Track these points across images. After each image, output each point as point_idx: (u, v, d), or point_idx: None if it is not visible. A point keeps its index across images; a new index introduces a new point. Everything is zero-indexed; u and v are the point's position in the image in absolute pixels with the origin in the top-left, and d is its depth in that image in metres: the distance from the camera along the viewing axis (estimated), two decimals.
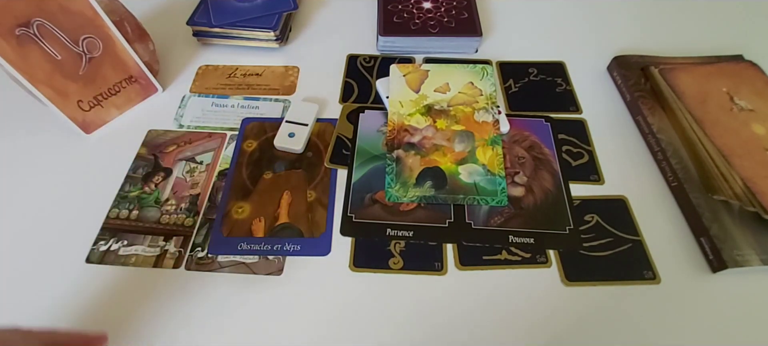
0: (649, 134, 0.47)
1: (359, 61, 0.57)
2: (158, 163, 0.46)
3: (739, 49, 0.54)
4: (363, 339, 0.35)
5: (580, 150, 0.47)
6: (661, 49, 0.55)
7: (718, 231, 0.39)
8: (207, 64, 0.56)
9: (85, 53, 0.45)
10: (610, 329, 0.36)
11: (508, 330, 0.36)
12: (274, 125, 0.49)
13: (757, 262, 0.37)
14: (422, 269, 0.39)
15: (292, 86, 0.54)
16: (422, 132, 0.46)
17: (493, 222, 0.41)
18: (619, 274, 0.38)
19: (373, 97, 0.52)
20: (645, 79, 0.51)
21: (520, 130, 0.48)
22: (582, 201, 0.43)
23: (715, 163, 0.42)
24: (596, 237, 0.41)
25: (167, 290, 0.38)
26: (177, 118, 0.50)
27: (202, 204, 0.43)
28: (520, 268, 0.39)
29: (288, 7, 0.57)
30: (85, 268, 0.39)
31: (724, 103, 0.47)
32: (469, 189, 0.42)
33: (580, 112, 0.51)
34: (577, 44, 0.58)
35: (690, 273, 0.39)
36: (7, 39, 0.40)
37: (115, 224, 0.42)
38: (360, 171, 0.45)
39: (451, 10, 0.59)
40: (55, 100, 0.44)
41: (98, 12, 0.44)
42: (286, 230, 0.41)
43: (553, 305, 0.37)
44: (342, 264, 0.39)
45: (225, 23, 0.55)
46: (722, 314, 0.37)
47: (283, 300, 0.37)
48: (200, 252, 0.40)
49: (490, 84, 0.49)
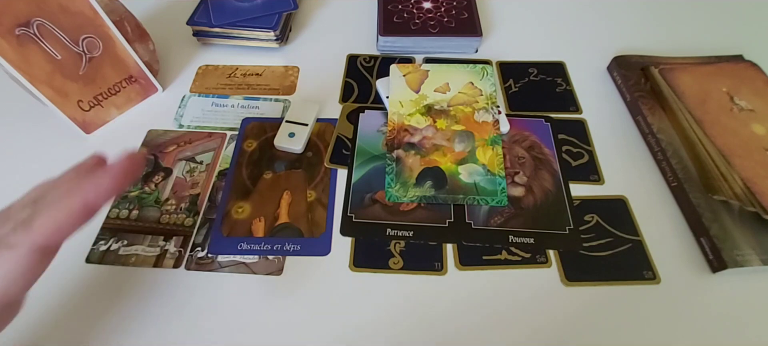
0: (649, 134, 0.47)
1: (359, 61, 0.57)
2: (158, 163, 0.46)
3: (739, 49, 0.54)
4: (363, 339, 0.35)
5: (580, 150, 0.47)
6: (661, 49, 0.55)
7: (718, 231, 0.39)
8: (207, 64, 0.56)
9: (85, 53, 0.45)
10: (610, 329, 0.36)
11: (508, 330, 0.36)
12: (274, 125, 0.49)
13: (757, 262, 0.37)
14: (422, 269, 0.39)
15: (292, 86, 0.54)
16: (422, 132, 0.46)
17: (493, 222, 0.41)
18: (619, 274, 0.38)
19: (373, 97, 0.52)
20: (645, 79, 0.51)
21: (520, 130, 0.48)
22: (582, 201, 0.43)
23: (715, 163, 0.42)
24: (596, 237, 0.41)
25: (167, 289, 0.38)
26: (177, 118, 0.50)
27: (202, 204, 0.43)
28: (520, 268, 0.39)
29: (288, 7, 0.57)
30: (85, 268, 0.39)
31: (724, 103, 0.47)
32: (469, 189, 0.42)
33: (580, 112, 0.51)
34: (577, 44, 0.58)
35: (690, 273, 0.39)
36: (7, 39, 0.40)
37: (115, 223, 0.42)
38: (360, 171, 0.45)
39: (451, 10, 0.59)
40: (55, 100, 0.44)
41: (98, 12, 0.44)
42: (286, 229, 0.41)
43: (553, 305, 0.37)
44: (342, 264, 0.39)
45: (225, 23, 0.55)
46: (722, 314, 0.37)
47: (283, 300, 0.37)
48: (200, 252, 0.40)
49: (490, 84, 0.49)
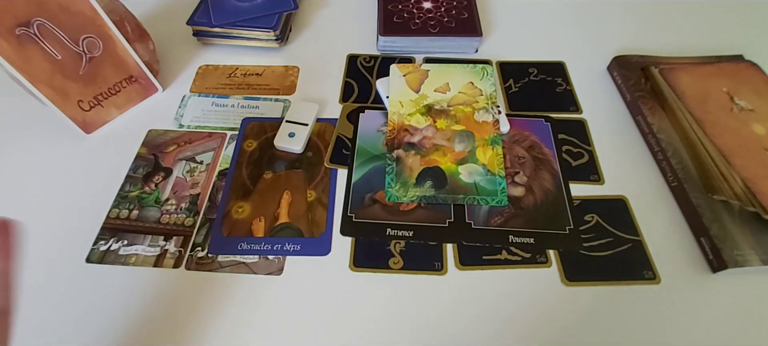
0: (649, 134, 0.47)
1: (359, 61, 0.57)
2: (158, 163, 0.46)
3: (739, 49, 0.54)
4: (363, 339, 0.35)
5: (580, 150, 0.47)
6: (661, 49, 0.55)
7: (718, 231, 0.38)
8: (207, 64, 0.56)
9: (86, 53, 0.45)
10: (610, 329, 0.36)
11: (508, 330, 0.36)
12: (274, 125, 0.49)
13: (757, 262, 0.37)
14: (422, 268, 0.39)
15: (292, 86, 0.54)
16: (422, 132, 0.46)
17: (493, 222, 0.41)
18: (619, 274, 0.38)
19: (373, 97, 0.52)
20: (645, 79, 0.51)
21: (520, 130, 0.48)
22: (582, 201, 0.43)
23: (715, 163, 0.42)
24: (596, 237, 0.41)
25: (167, 289, 0.38)
26: (177, 117, 0.50)
27: (202, 204, 0.43)
28: (520, 268, 0.39)
29: (288, 7, 0.57)
30: (85, 268, 0.39)
31: (724, 103, 0.47)
32: (469, 189, 0.42)
33: (580, 112, 0.51)
34: (577, 44, 0.58)
35: (690, 273, 0.39)
36: (7, 39, 0.40)
37: (116, 223, 0.42)
38: (360, 171, 0.45)
39: (451, 10, 0.59)
40: (55, 100, 0.44)
41: (98, 11, 0.44)
42: (286, 229, 0.41)
43: (553, 305, 0.37)
44: (342, 264, 0.39)
45: (225, 23, 0.55)
46: (722, 314, 0.37)
47: (283, 300, 0.37)
48: (200, 252, 0.40)
49: (490, 84, 0.49)
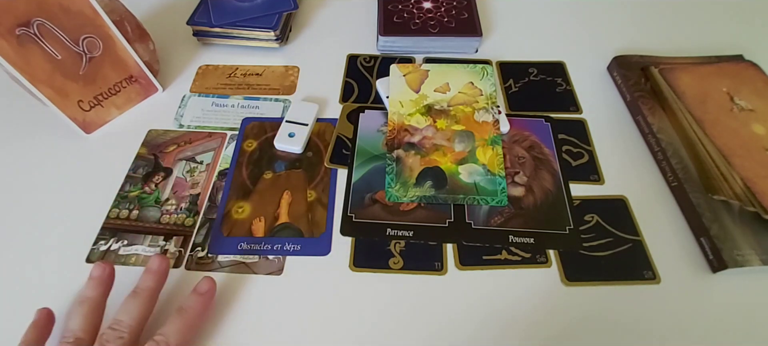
0: (649, 134, 0.47)
1: (359, 61, 0.57)
2: (158, 163, 0.46)
3: (739, 49, 0.54)
4: (363, 339, 0.35)
5: (580, 150, 0.47)
6: (661, 49, 0.55)
7: (718, 231, 0.38)
8: (207, 64, 0.56)
9: (86, 53, 0.45)
10: (610, 329, 0.36)
11: (508, 330, 0.36)
12: (274, 125, 0.49)
13: (757, 262, 0.37)
14: (422, 269, 0.39)
15: (292, 86, 0.54)
16: (422, 132, 0.46)
17: (493, 222, 0.41)
18: (619, 274, 0.38)
19: (373, 97, 0.52)
20: (645, 79, 0.51)
21: (520, 130, 0.48)
22: (582, 201, 0.43)
23: (715, 163, 0.42)
24: (596, 237, 0.41)
25: (167, 289, 0.38)
26: (177, 117, 0.50)
27: (202, 204, 0.43)
28: (520, 268, 0.39)
29: (288, 7, 0.57)
30: (86, 268, 0.39)
31: (724, 103, 0.47)
32: (469, 189, 0.42)
33: (580, 112, 0.51)
34: (577, 44, 0.58)
35: (690, 273, 0.39)
36: (7, 39, 0.40)
37: (116, 223, 0.42)
38: (360, 171, 0.45)
39: (451, 10, 0.59)
40: (55, 100, 0.44)
41: (98, 12, 0.44)
42: (286, 229, 0.41)
43: (553, 305, 0.37)
44: (342, 264, 0.39)
45: (225, 23, 0.55)
46: (722, 314, 0.37)
47: (283, 300, 0.37)
48: (200, 252, 0.40)
49: (490, 84, 0.49)
